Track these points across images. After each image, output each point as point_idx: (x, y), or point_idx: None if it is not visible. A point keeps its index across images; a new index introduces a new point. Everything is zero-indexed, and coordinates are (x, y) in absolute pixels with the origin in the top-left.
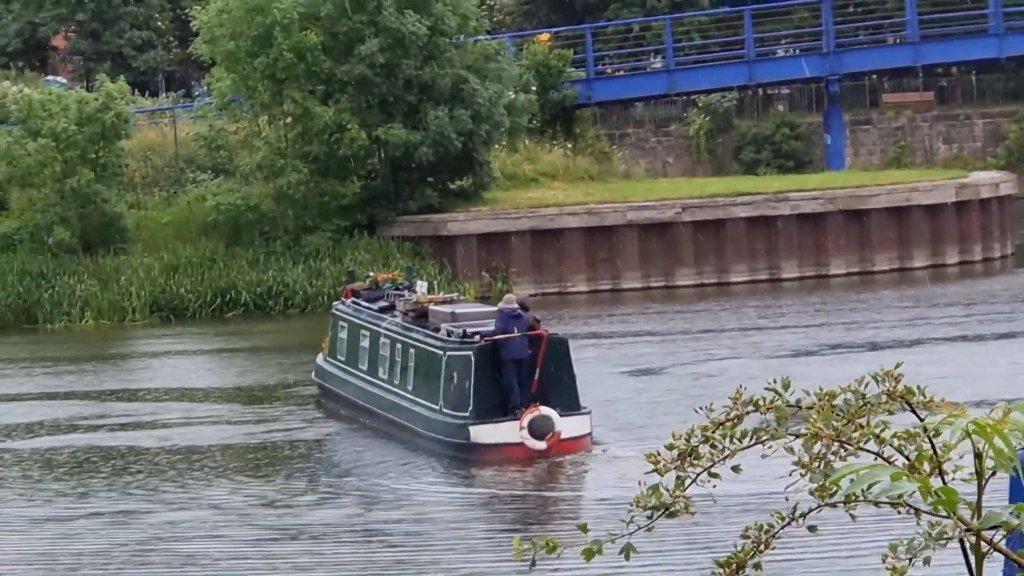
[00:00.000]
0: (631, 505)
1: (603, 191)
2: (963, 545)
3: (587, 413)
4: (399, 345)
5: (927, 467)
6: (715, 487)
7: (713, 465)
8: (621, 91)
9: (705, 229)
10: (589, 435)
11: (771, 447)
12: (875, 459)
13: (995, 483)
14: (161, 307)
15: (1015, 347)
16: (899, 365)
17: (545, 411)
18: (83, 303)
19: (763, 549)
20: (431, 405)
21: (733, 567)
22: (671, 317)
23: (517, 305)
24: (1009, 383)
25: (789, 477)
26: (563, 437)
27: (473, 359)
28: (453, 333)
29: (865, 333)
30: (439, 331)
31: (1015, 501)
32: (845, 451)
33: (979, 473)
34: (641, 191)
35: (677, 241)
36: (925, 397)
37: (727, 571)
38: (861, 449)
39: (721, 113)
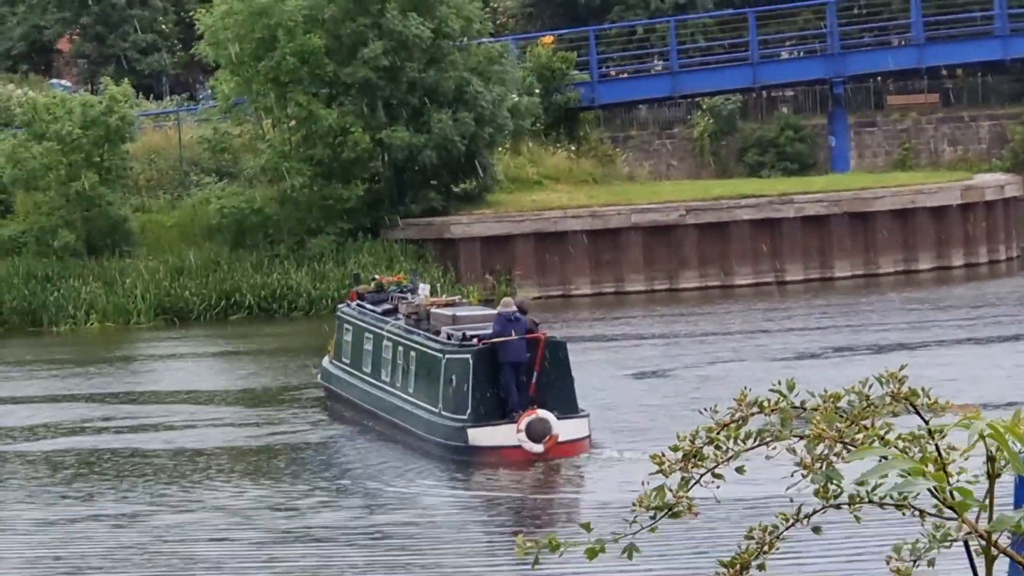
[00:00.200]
0: (634, 505)
1: (607, 194)
2: (968, 547)
3: (585, 416)
4: (401, 348)
5: (931, 469)
6: (719, 488)
7: (717, 466)
8: (625, 93)
9: (709, 232)
10: (587, 438)
11: (775, 448)
12: (879, 460)
13: (997, 484)
14: (166, 310)
15: (1020, 349)
16: (903, 367)
17: (542, 414)
18: (88, 306)
19: (767, 550)
20: (431, 408)
21: (737, 568)
22: (675, 320)
23: (515, 308)
24: (1014, 385)
25: (791, 478)
26: (561, 440)
27: (471, 362)
28: (452, 336)
29: (870, 335)
30: (439, 334)
31: (1021, 503)
32: (848, 453)
33: (991, 475)
34: (645, 193)
35: (681, 244)
36: (930, 399)
37: (731, 572)
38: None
39: (725, 115)
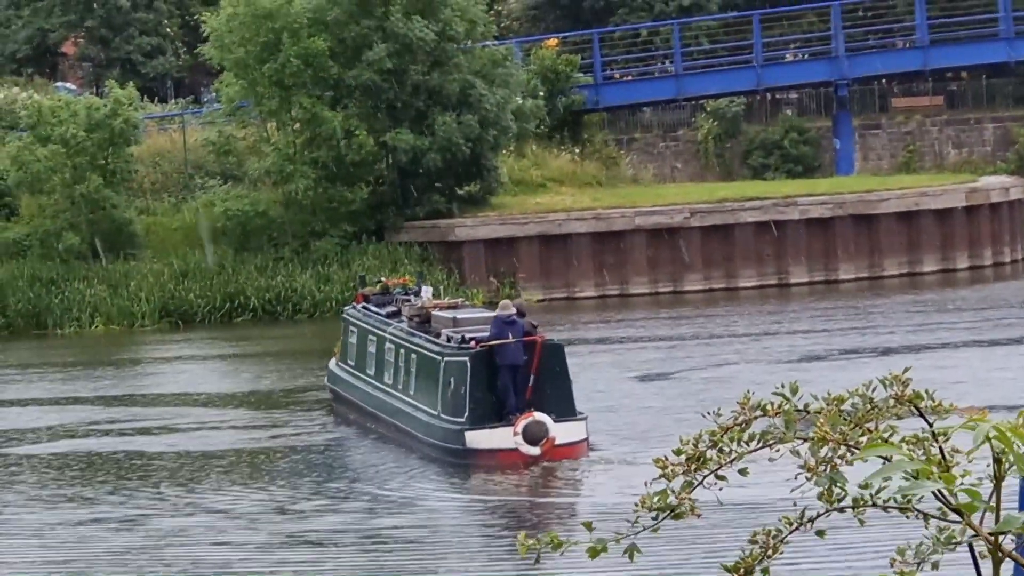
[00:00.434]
0: (636, 506)
1: (611, 196)
2: (972, 550)
3: (583, 419)
4: (402, 350)
5: (935, 471)
6: (721, 489)
7: (720, 468)
8: (629, 96)
9: (713, 234)
10: (585, 441)
11: (778, 450)
12: (883, 463)
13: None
14: (170, 312)
15: None
16: (907, 370)
17: (539, 417)
18: (93, 309)
19: (771, 554)
20: (430, 410)
21: (741, 572)
22: (679, 322)
23: (513, 311)
24: (1020, 388)
25: (795, 481)
26: (558, 443)
27: (469, 365)
28: (452, 339)
29: (874, 338)
30: (440, 336)
31: None
32: (852, 455)
33: (997, 477)
34: (649, 196)
35: (685, 246)
36: (934, 401)
37: None
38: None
39: (729, 118)
